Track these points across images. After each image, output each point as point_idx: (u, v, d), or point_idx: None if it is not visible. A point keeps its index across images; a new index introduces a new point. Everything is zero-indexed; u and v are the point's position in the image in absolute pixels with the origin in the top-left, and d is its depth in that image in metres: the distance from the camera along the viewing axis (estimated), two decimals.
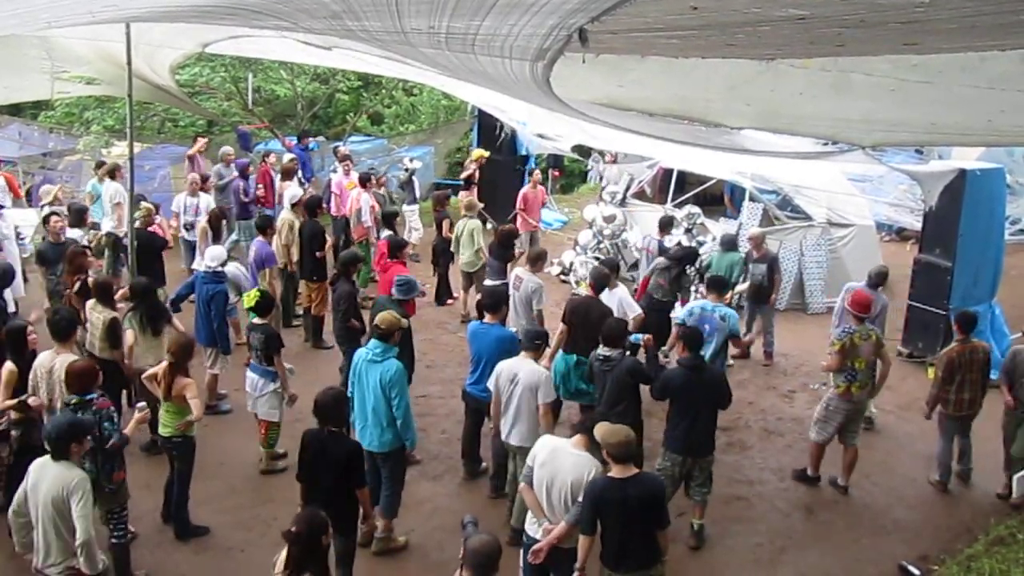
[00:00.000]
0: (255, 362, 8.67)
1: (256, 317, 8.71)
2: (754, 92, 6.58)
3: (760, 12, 3.29)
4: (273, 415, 8.66)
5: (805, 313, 13.79)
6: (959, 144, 12.04)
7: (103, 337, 8.55)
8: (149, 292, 9.07)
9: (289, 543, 5.19)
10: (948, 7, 2.92)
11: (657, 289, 10.73)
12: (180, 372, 7.51)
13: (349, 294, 10.00)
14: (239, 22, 6.10)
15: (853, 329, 8.66)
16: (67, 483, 5.62)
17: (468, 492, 8.70)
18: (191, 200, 13.42)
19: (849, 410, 8.69)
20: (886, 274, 10.39)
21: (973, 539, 8.20)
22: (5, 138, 18.60)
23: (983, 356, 8.80)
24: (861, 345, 8.58)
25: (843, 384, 8.61)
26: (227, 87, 20.36)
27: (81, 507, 5.60)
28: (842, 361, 8.56)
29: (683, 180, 15.94)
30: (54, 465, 5.71)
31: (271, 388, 8.57)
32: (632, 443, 6.00)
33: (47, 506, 5.63)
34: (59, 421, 6.04)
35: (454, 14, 3.81)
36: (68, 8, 4.22)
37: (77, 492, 5.61)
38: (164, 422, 7.63)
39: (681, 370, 7.71)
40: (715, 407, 7.73)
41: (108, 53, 11.42)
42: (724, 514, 8.42)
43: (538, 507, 6.21)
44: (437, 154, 20.66)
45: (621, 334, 8.01)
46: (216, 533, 7.85)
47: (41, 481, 5.70)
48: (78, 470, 5.76)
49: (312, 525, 5.29)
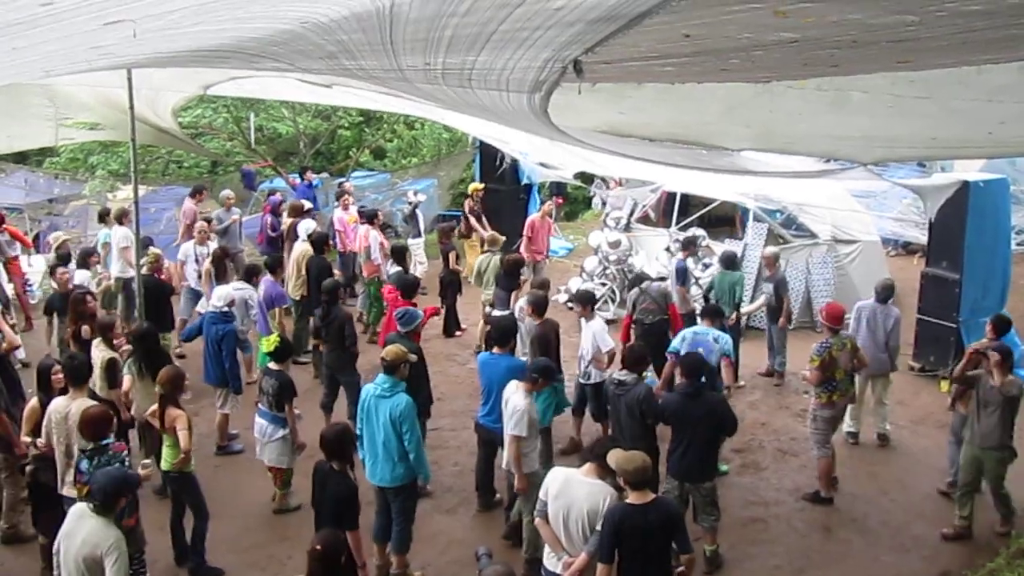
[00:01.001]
0: (264, 407, 8.58)
1: (272, 362, 8.67)
2: (752, 114, 6.60)
3: (752, 37, 3.31)
4: (281, 462, 8.58)
5: (814, 331, 13.72)
6: (961, 157, 12.03)
7: (102, 376, 8.57)
8: (148, 337, 8.99)
9: (310, 560, 5.35)
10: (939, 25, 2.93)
11: (645, 314, 10.72)
12: (171, 404, 7.53)
13: (349, 318, 10.03)
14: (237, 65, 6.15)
15: (829, 343, 8.92)
16: (104, 543, 5.49)
17: (483, 524, 8.64)
18: (201, 249, 12.79)
19: (835, 416, 9.07)
20: (892, 287, 10.36)
21: (994, 553, 8.11)
22: (11, 186, 18.73)
23: None
24: (839, 356, 8.86)
25: (824, 395, 8.90)
26: (229, 127, 20.52)
27: (115, 570, 5.46)
28: (823, 375, 8.80)
29: (686, 203, 15.96)
30: (92, 519, 5.59)
31: (280, 435, 8.49)
32: (648, 468, 5.98)
33: (78, 562, 5.51)
34: (112, 475, 5.90)
35: (449, 50, 3.84)
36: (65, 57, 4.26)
37: (113, 554, 5.47)
38: (165, 457, 7.65)
39: (678, 396, 7.67)
40: (715, 434, 7.67)
41: (110, 99, 11.54)
42: (741, 537, 8.36)
43: (555, 541, 6.13)
44: (440, 186, 20.72)
45: (640, 359, 7.97)
46: (230, 573, 7.81)
47: (76, 533, 5.59)
48: (116, 530, 5.60)
49: (333, 543, 5.45)
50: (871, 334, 9.90)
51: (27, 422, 7.52)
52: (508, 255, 12.57)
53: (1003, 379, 7.98)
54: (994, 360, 7.98)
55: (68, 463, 7.08)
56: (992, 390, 8.03)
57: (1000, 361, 7.95)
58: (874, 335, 9.89)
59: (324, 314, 10.16)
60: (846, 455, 9.94)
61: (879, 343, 9.88)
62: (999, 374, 7.99)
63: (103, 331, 8.85)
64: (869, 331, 9.91)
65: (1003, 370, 7.97)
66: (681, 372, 7.77)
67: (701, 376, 7.78)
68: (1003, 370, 7.97)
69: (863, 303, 10.23)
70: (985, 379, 8.15)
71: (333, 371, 10.03)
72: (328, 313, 10.09)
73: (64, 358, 7.93)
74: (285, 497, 8.79)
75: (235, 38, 4.17)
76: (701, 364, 7.88)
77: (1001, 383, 7.96)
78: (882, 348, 9.90)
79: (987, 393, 8.10)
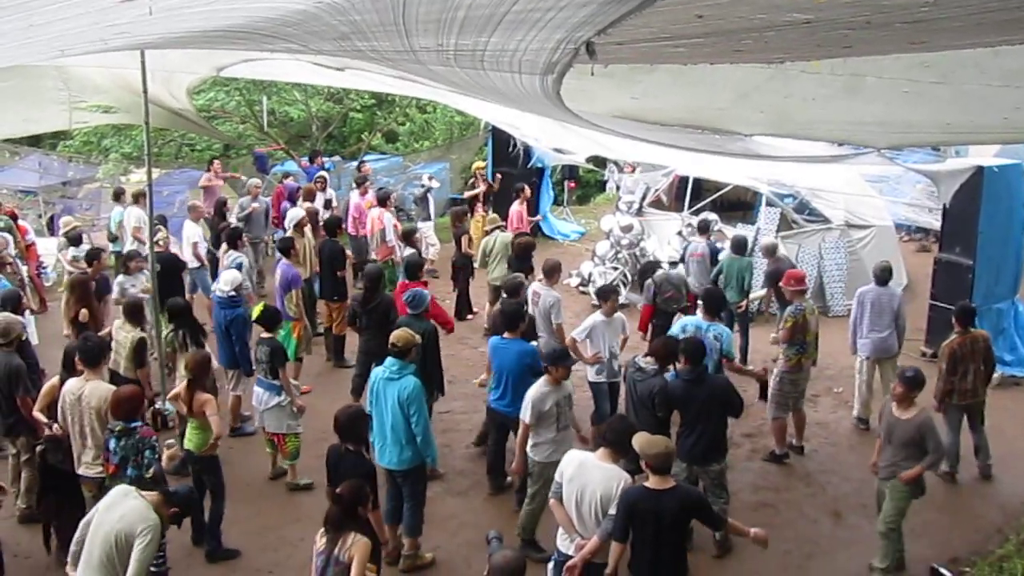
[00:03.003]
0: (261, 376, 8.75)
1: (263, 330, 8.81)
2: (766, 99, 6.58)
3: (765, 18, 3.30)
4: (281, 427, 8.72)
5: (827, 316, 13.67)
6: (975, 142, 11.95)
7: (129, 356, 8.65)
8: (187, 311, 9.36)
9: (331, 502, 5.53)
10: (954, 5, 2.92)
11: (669, 303, 10.77)
12: (199, 388, 7.60)
13: (393, 302, 9.94)
14: (251, 47, 6.15)
15: (803, 306, 9.30)
16: (141, 523, 5.41)
17: (494, 507, 8.68)
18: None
19: (800, 380, 9.39)
20: (890, 268, 10.29)
21: (1004, 540, 8.12)
22: (26, 169, 18.82)
23: (984, 344, 8.87)
24: (811, 319, 9.29)
25: (794, 356, 9.24)
26: (242, 110, 20.55)
27: (142, 550, 5.37)
28: (793, 335, 9.15)
29: (699, 187, 15.91)
30: (136, 500, 5.54)
31: (276, 401, 8.65)
32: (672, 454, 5.99)
33: (108, 536, 5.41)
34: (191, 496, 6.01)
35: (461, 31, 3.84)
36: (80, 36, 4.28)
37: (147, 535, 5.38)
38: (189, 437, 7.72)
39: (681, 382, 7.62)
40: (721, 417, 7.65)
41: (124, 81, 11.54)
42: (751, 521, 8.27)
43: (569, 523, 6.17)
44: (452, 170, 20.72)
45: (671, 354, 7.82)
46: (244, 555, 7.87)
47: (116, 508, 5.52)
48: (156, 516, 5.51)
49: (355, 489, 5.59)
50: (876, 318, 9.89)
51: (43, 398, 7.60)
52: (519, 238, 12.56)
53: (906, 412, 7.29)
54: (896, 392, 7.34)
55: (83, 444, 7.15)
56: (896, 422, 7.32)
57: (903, 393, 7.25)
58: (879, 319, 9.88)
59: (365, 300, 10.00)
60: (856, 441, 9.95)
61: (884, 326, 9.87)
62: (900, 407, 7.32)
63: (132, 311, 8.93)
64: (873, 315, 9.90)
65: (907, 402, 7.28)
66: (683, 357, 7.70)
67: (702, 360, 7.73)
68: (907, 402, 7.28)
69: (864, 288, 10.19)
70: (888, 407, 7.51)
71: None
72: (370, 299, 9.95)
73: (79, 340, 7.99)
74: (294, 471, 8.88)
75: (248, 18, 4.18)
76: (702, 348, 7.78)
77: (906, 417, 7.27)
78: (887, 331, 9.88)
79: (889, 424, 7.40)
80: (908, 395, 7.26)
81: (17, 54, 5.04)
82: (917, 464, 7.23)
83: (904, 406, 7.31)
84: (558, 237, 18.91)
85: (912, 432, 7.21)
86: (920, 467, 7.23)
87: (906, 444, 7.26)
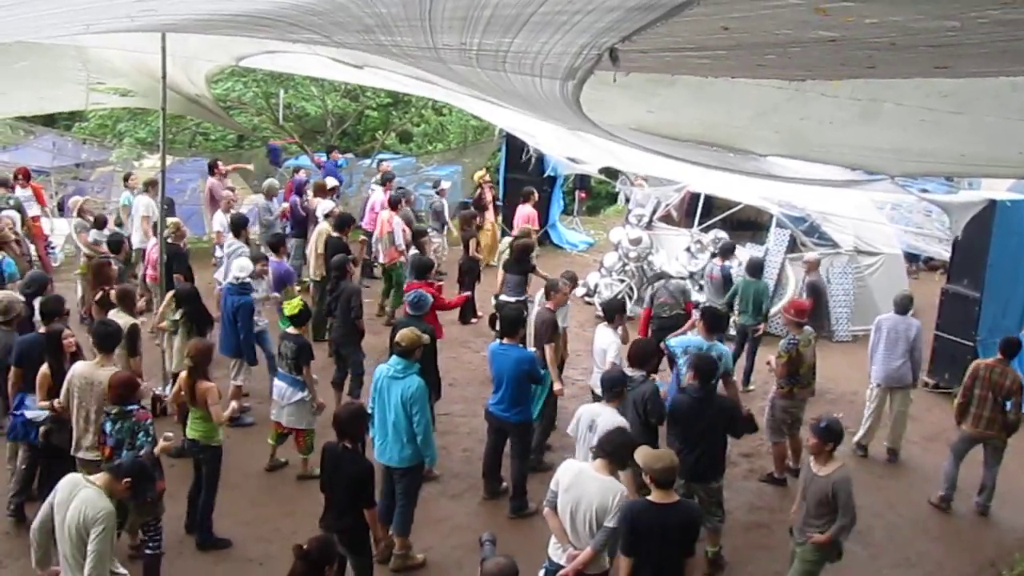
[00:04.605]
0: (283, 371, 8.79)
1: (291, 327, 8.86)
2: (782, 120, 6.57)
3: (791, 34, 3.29)
4: (300, 423, 8.80)
5: (831, 341, 13.67)
6: (990, 175, 11.92)
7: (122, 344, 8.63)
8: (195, 297, 9.42)
9: (296, 557, 5.27)
10: (980, 31, 2.91)
11: (662, 308, 10.79)
12: (201, 376, 7.59)
13: (356, 291, 10.21)
14: (274, 35, 6.16)
15: (796, 339, 9.17)
16: (94, 512, 5.31)
17: (488, 512, 8.67)
18: None
19: (792, 407, 9.29)
20: (911, 298, 10.27)
21: (997, 574, 8.09)
22: (39, 148, 18.85)
23: (1010, 383, 8.74)
24: (805, 352, 9.21)
25: (787, 387, 9.22)
26: (258, 103, 20.57)
27: (98, 541, 5.28)
28: (788, 369, 9.10)
29: (710, 204, 15.90)
30: (87, 488, 5.45)
31: (298, 396, 8.71)
32: (676, 468, 5.94)
33: (70, 529, 5.36)
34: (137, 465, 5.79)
35: (486, 31, 3.84)
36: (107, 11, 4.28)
37: (99, 525, 5.28)
38: (192, 425, 7.71)
39: (689, 399, 7.57)
40: (723, 436, 7.65)
41: (144, 65, 11.59)
42: (745, 541, 8.35)
43: (562, 532, 6.13)
44: (465, 173, 20.74)
45: (644, 356, 7.96)
46: (236, 545, 7.87)
47: (70, 502, 5.43)
48: (108, 502, 5.41)
49: (322, 548, 5.35)
50: (891, 346, 9.83)
51: (41, 388, 7.54)
52: (517, 240, 12.58)
53: (824, 467, 6.71)
54: (812, 444, 6.75)
55: (86, 428, 7.11)
56: (813, 478, 6.77)
57: (816, 445, 6.69)
58: (893, 348, 9.83)
59: (332, 287, 10.47)
60: (854, 467, 9.84)
61: (898, 355, 9.81)
62: (817, 462, 6.76)
63: (124, 298, 8.93)
64: (888, 344, 9.85)
65: (824, 456, 6.72)
66: (692, 374, 7.65)
67: (712, 379, 7.71)
68: (824, 456, 6.72)
69: (884, 316, 10.16)
70: (806, 462, 7.01)
71: (339, 345, 10.29)
72: (336, 287, 10.33)
73: (96, 324, 7.96)
74: (307, 464, 8.92)
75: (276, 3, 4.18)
76: (714, 367, 7.77)
77: (823, 473, 6.70)
78: (900, 360, 9.81)
79: (805, 479, 6.92)
80: (822, 448, 6.66)
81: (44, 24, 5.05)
82: (832, 526, 6.63)
83: (821, 460, 6.72)
84: (566, 246, 18.93)
85: (827, 489, 6.60)
86: (829, 534, 6.64)
87: (820, 503, 6.66)
